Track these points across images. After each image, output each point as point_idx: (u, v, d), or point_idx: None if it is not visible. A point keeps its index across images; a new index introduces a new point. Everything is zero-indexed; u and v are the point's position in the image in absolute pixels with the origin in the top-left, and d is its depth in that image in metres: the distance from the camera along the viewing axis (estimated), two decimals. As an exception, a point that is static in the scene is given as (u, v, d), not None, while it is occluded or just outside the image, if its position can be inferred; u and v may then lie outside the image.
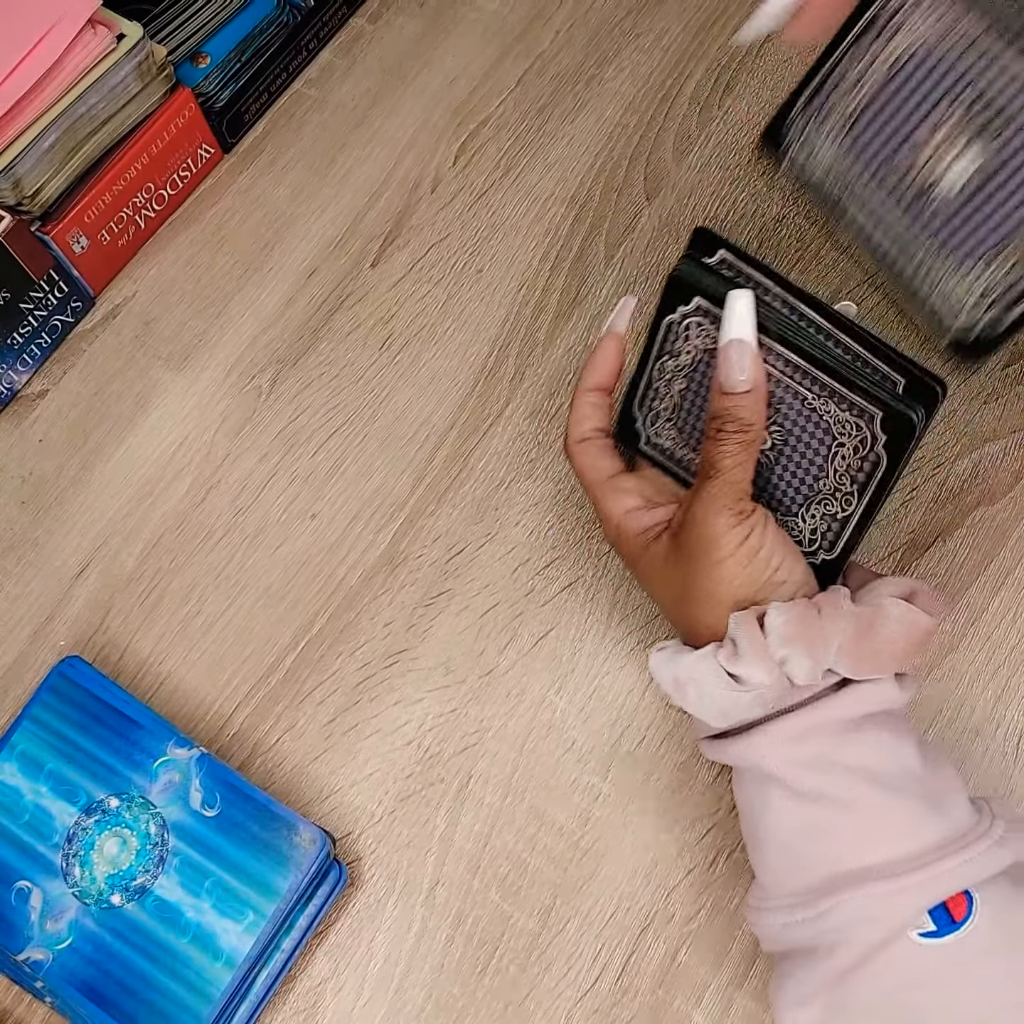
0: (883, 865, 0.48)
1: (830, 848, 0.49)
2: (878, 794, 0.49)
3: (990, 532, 0.67)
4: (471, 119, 0.82)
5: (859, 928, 0.47)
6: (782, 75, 0.80)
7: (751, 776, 0.52)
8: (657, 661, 0.55)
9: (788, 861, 0.51)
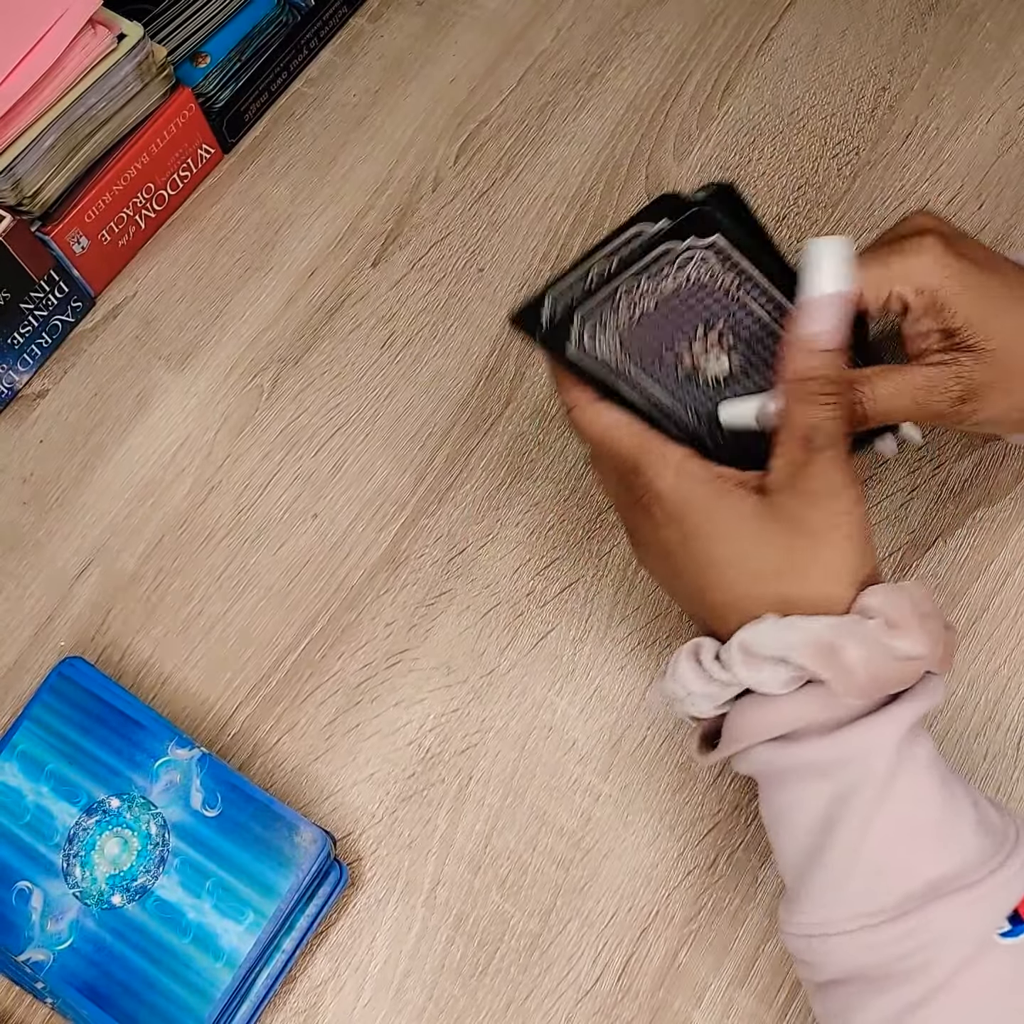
0: (961, 871, 0.46)
1: (911, 858, 0.47)
2: (947, 793, 0.48)
3: (991, 532, 0.67)
4: (472, 118, 0.82)
5: (949, 943, 0.45)
6: (781, 75, 0.80)
7: (829, 784, 0.48)
8: (771, 627, 0.48)
9: (867, 876, 0.47)
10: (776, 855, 0.51)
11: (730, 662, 0.49)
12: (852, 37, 0.81)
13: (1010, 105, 0.77)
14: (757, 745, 0.49)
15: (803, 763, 0.48)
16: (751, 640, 0.48)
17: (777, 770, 0.50)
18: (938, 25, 0.81)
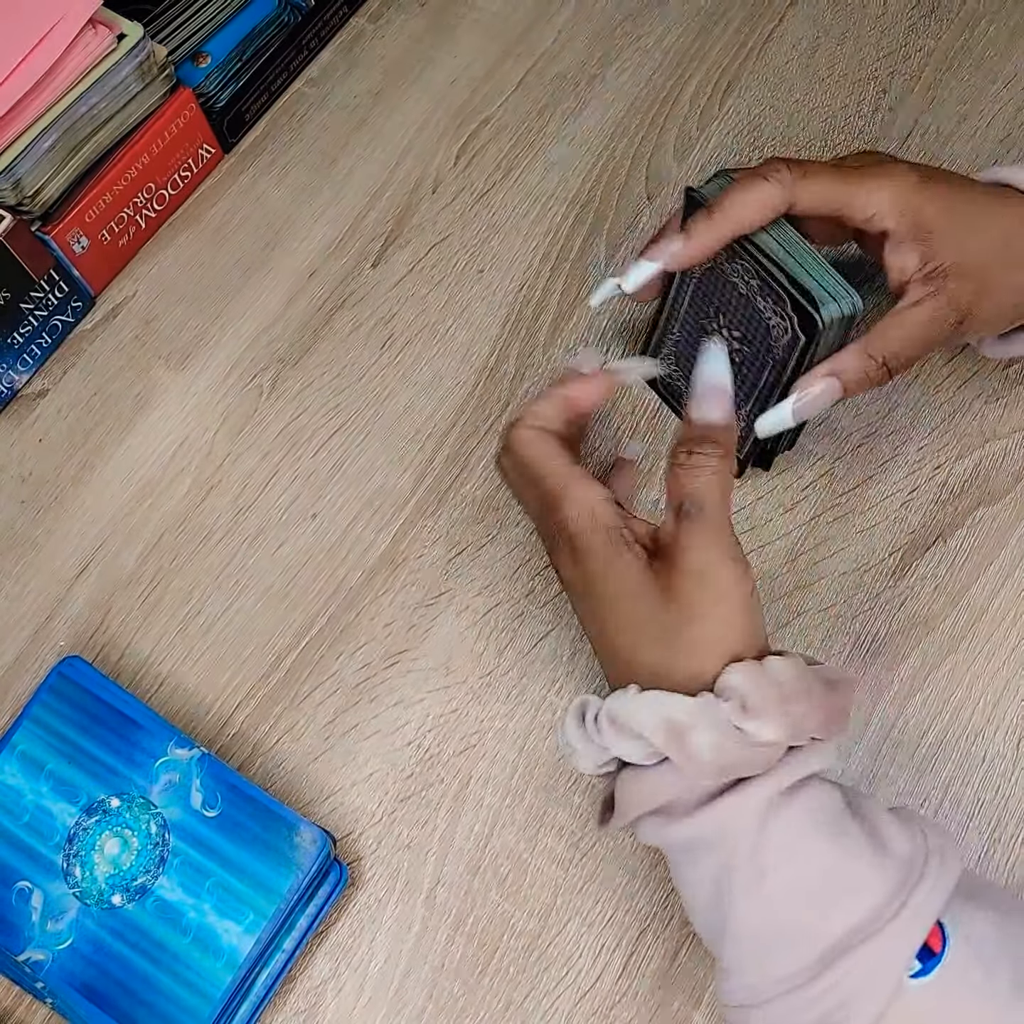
0: (865, 922, 0.46)
1: (811, 920, 0.46)
2: (835, 849, 0.47)
3: (990, 532, 0.67)
4: (472, 119, 0.82)
5: (864, 994, 0.45)
6: (782, 76, 0.80)
7: (712, 859, 0.48)
8: (631, 701, 0.49)
9: (772, 945, 0.47)
10: (692, 923, 0.52)
11: (600, 728, 0.50)
12: (852, 39, 0.81)
13: (1010, 108, 0.78)
14: (643, 817, 0.50)
15: (678, 841, 0.49)
16: (615, 710, 0.49)
17: (663, 845, 0.50)
18: (939, 28, 0.81)
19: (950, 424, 0.69)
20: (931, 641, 0.65)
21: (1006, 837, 0.61)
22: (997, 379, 0.70)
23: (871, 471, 0.68)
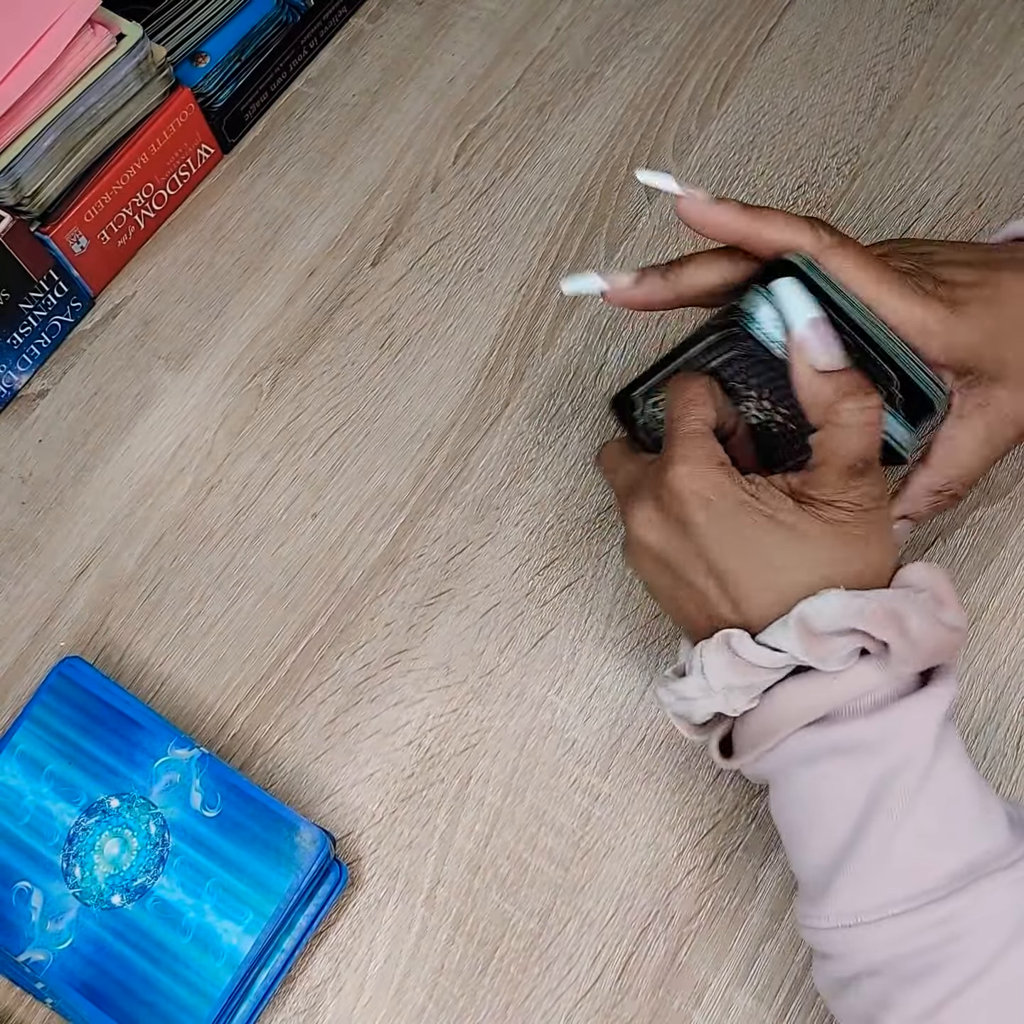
0: (998, 854, 0.46)
1: (952, 840, 0.47)
2: (975, 777, 0.49)
3: (990, 532, 0.67)
4: (471, 118, 0.82)
5: (990, 924, 0.45)
6: (781, 73, 0.80)
7: (883, 760, 0.47)
8: (831, 601, 0.48)
9: (906, 860, 0.47)
10: (798, 851, 0.50)
11: (784, 641, 0.48)
12: (851, 36, 0.81)
13: (1010, 104, 0.77)
14: (792, 735, 0.49)
15: (848, 743, 0.48)
16: (814, 614, 0.48)
17: (815, 755, 0.49)
18: (938, 25, 0.81)
19: (950, 422, 0.69)
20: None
21: (1006, 836, 0.61)
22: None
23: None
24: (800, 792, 0.50)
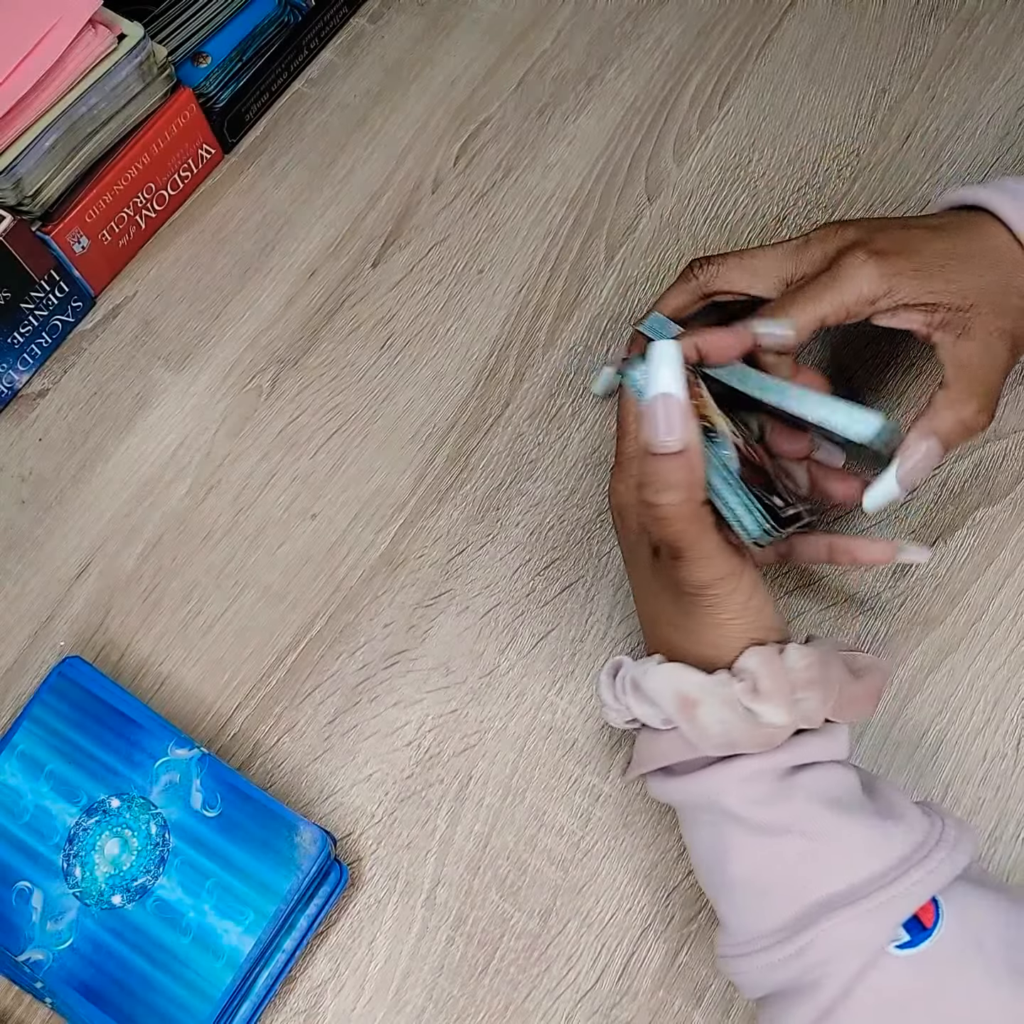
0: (852, 888, 0.47)
1: (798, 880, 0.49)
2: (837, 818, 0.49)
3: (990, 533, 0.67)
4: (472, 120, 0.82)
5: (841, 956, 0.47)
6: (781, 77, 0.80)
7: (708, 818, 0.51)
8: (652, 670, 0.51)
9: (758, 900, 0.50)
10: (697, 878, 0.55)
11: (625, 690, 0.53)
12: (852, 40, 0.81)
13: (1010, 106, 0.78)
14: (653, 774, 0.54)
15: (677, 799, 0.53)
16: (638, 677, 0.53)
17: (667, 801, 0.54)
18: (938, 28, 0.81)
19: (950, 424, 0.69)
20: (931, 641, 0.65)
21: (1007, 836, 0.61)
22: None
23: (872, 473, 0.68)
24: (680, 824, 0.55)
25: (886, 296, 0.56)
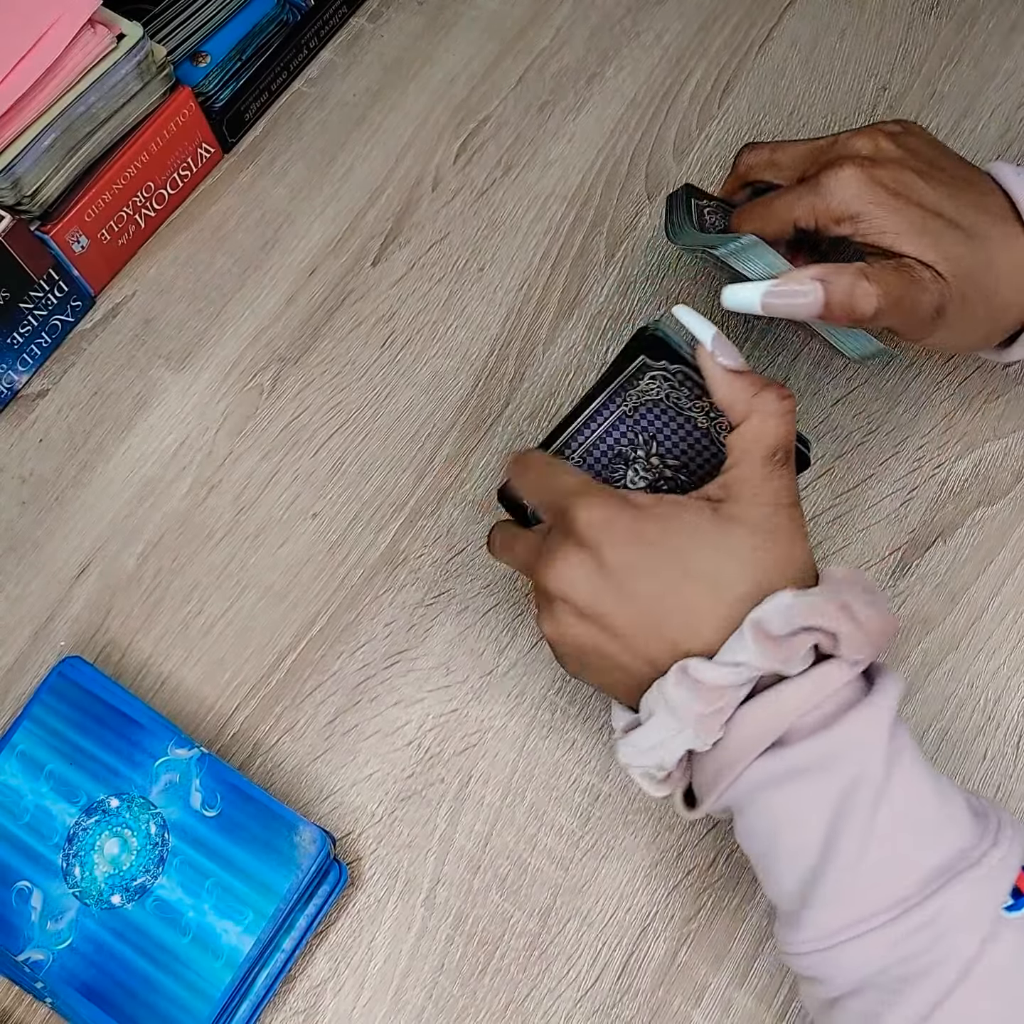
0: (964, 852, 0.46)
1: (918, 846, 0.47)
2: (936, 781, 0.48)
3: (990, 532, 0.67)
4: (472, 117, 0.81)
5: (966, 923, 0.45)
6: (781, 73, 0.80)
7: (837, 776, 0.47)
8: (784, 601, 0.47)
9: (876, 873, 0.47)
10: (771, 878, 0.50)
11: (741, 653, 0.47)
12: (852, 36, 0.81)
13: (1010, 103, 0.77)
14: (750, 765, 0.48)
15: (802, 764, 0.47)
16: (767, 618, 0.47)
17: (773, 781, 0.48)
18: (939, 24, 0.81)
19: (950, 423, 0.69)
20: (931, 640, 0.65)
21: (1007, 836, 0.61)
22: (997, 378, 0.70)
23: (871, 470, 0.68)
24: (762, 820, 0.49)
25: (851, 221, 0.56)
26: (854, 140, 0.58)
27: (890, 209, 0.55)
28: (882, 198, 0.55)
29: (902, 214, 0.55)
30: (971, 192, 0.58)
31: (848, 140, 0.58)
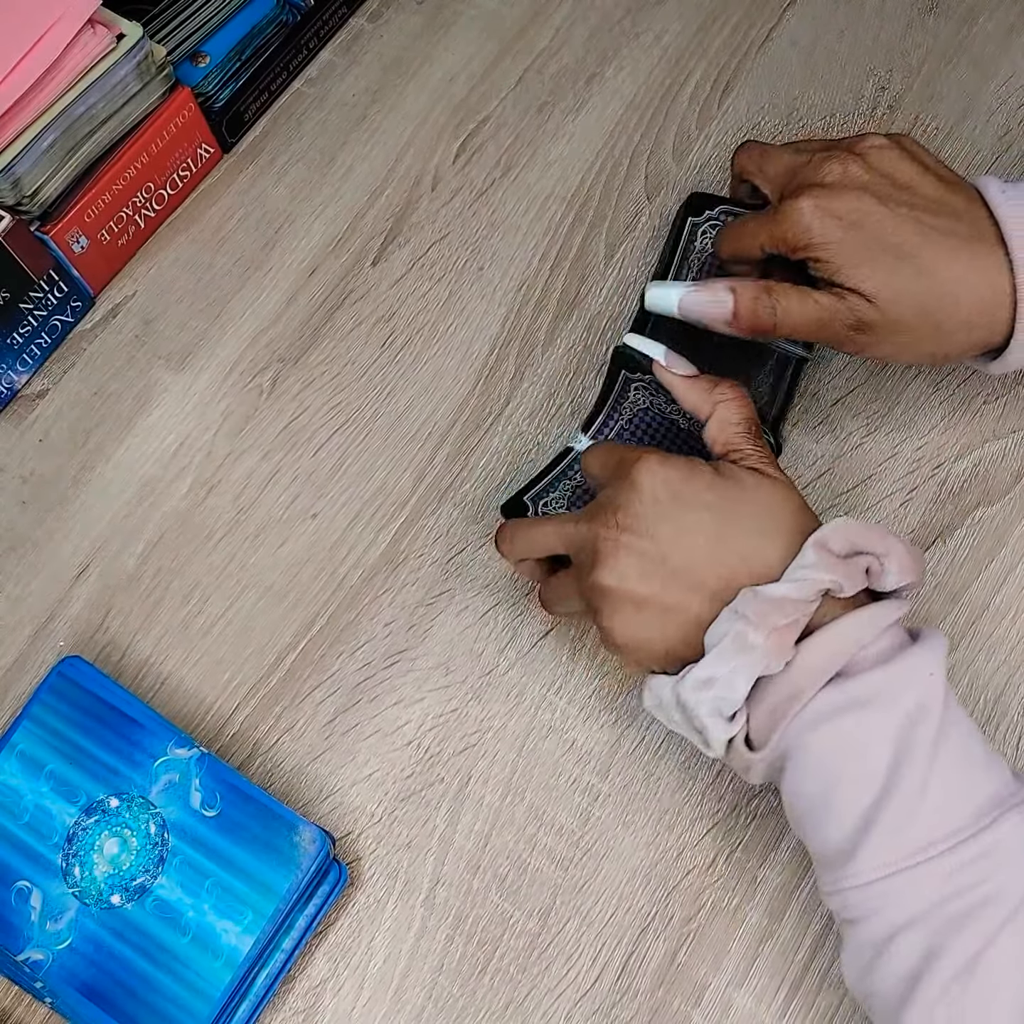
0: (1012, 788, 0.49)
1: (974, 778, 0.49)
2: (970, 722, 0.51)
3: (990, 532, 0.67)
4: (471, 117, 0.82)
5: (1019, 854, 0.47)
6: (780, 74, 0.80)
7: (901, 706, 0.49)
8: (848, 525, 0.52)
9: (937, 801, 0.48)
10: (827, 819, 0.50)
11: (805, 571, 0.50)
12: (851, 37, 0.81)
13: (1010, 104, 0.77)
14: (814, 696, 0.49)
15: (865, 696, 0.49)
16: (830, 537, 0.51)
17: (836, 713, 0.49)
18: (937, 25, 0.81)
19: (950, 423, 0.69)
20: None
21: (1006, 836, 0.61)
22: (997, 379, 0.70)
23: (871, 470, 0.68)
24: (823, 756, 0.50)
25: (803, 250, 0.58)
26: (825, 165, 0.59)
27: (836, 242, 0.57)
28: (830, 231, 0.57)
29: (846, 247, 0.57)
30: (942, 214, 0.58)
31: (820, 164, 0.59)
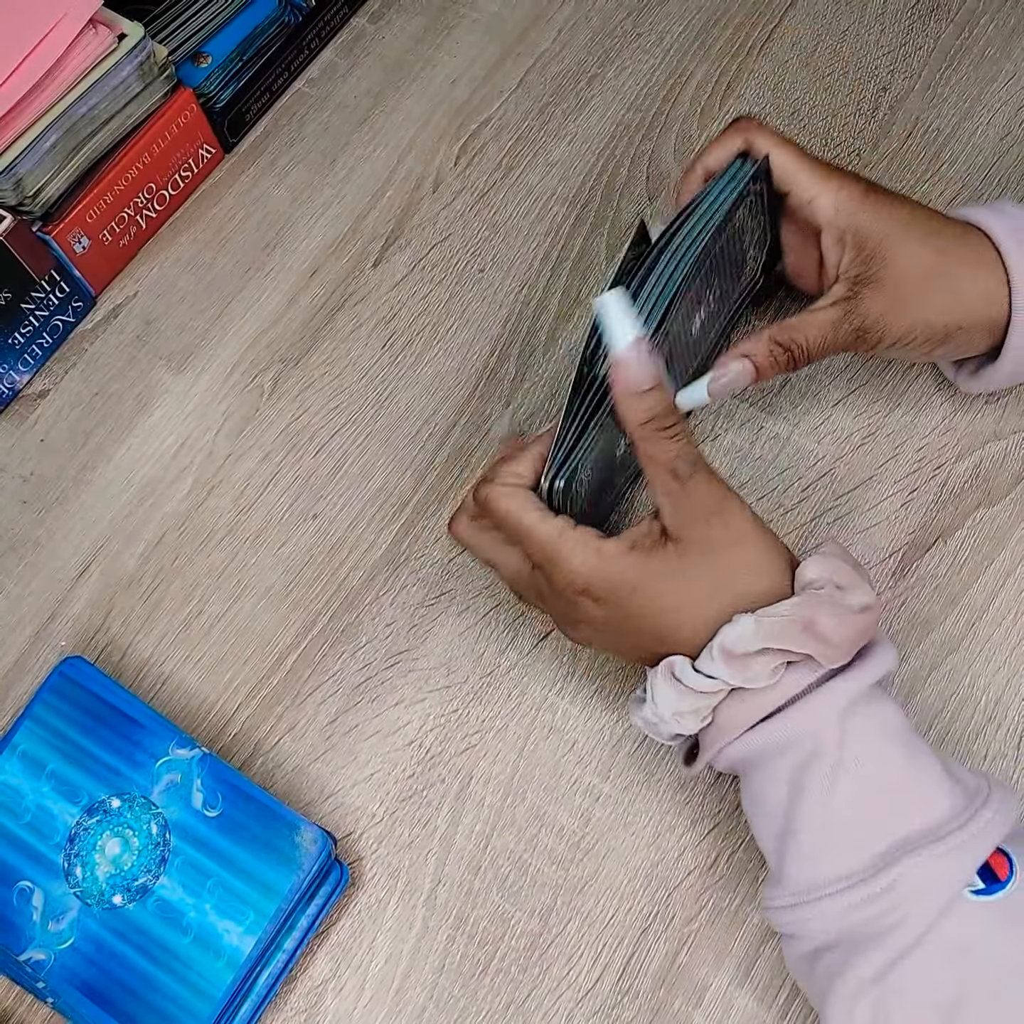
0: (929, 828, 0.48)
1: (878, 819, 0.49)
2: (909, 756, 0.50)
3: (990, 533, 0.67)
4: (472, 119, 0.82)
5: (922, 896, 0.47)
6: (782, 76, 0.80)
7: (791, 759, 0.51)
8: (746, 625, 0.50)
9: (836, 841, 0.50)
10: (758, 840, 0.54)
11: (713, 669, 0.51)
12: (853, 38, 0.81)
13: (1011, 106, 0.77)
14: (733, 741, 0.52)
15: (772, 741, 0.51)
16: (732, 640, 0.50)
17: (748, 757, 0.52)
18: (939, 27, 0.81)
19: (950, 425, 0.69)
20: (932, 641, 0.65)
21: (1007, 837, 0.61)
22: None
23: (871, 472, 0.68)
24: (747, 785, 0.54)
25: (835, 208, 0.60)
26: (830, 183, 0.61)
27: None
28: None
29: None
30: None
31: (828, 180, 0.61)
